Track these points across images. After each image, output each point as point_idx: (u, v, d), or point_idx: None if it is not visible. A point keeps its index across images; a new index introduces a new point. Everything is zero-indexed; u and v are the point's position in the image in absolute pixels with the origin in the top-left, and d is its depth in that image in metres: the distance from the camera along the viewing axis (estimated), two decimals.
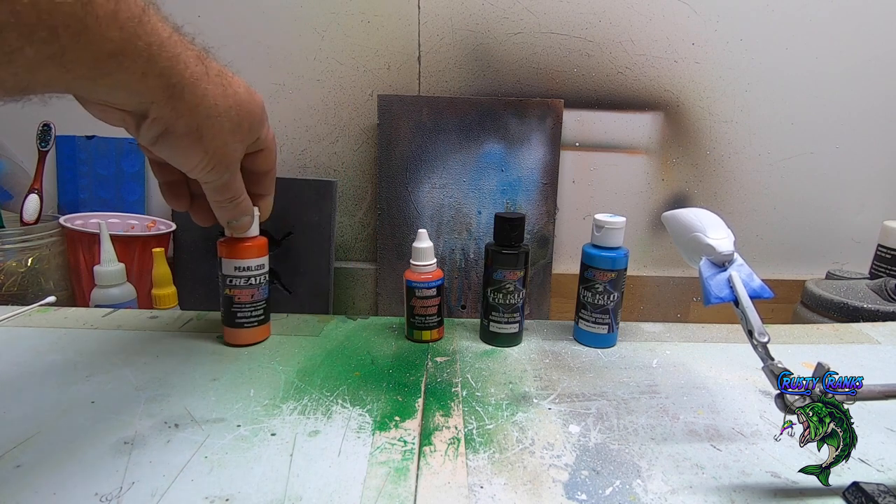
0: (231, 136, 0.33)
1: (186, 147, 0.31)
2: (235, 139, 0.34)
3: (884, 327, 0.56)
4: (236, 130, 0.33)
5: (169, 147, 0.31)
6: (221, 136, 0.32)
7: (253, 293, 0.46)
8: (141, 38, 0.25)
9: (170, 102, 0.29)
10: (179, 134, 0.30)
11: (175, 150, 0.31)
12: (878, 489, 0.29)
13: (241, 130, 0.34)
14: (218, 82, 0.31)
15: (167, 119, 0.29)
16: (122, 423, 0.35)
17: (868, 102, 0.98)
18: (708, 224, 0.38)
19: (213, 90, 0.31)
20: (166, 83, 0.28)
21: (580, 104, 0.97)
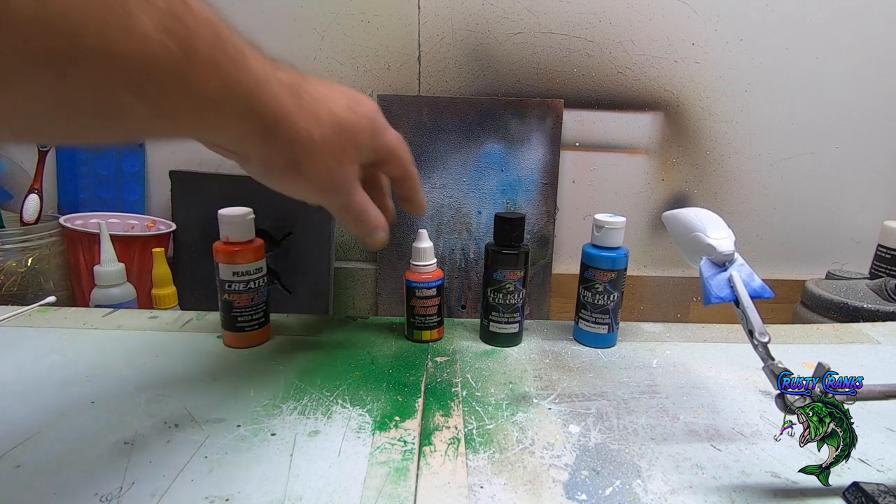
0: (335, 163, 0.33)
1: (290, 180, 0.32)
2: (341, 164, 0.33)
3: (884, 327, 0.56)
4: (341, 154, 0.33)
5: (274, 181, 0.32)
6: (322, 163, 0.32)
7: (252, 297, 0.46)
8: (239, 83, 0.26)
9: (265, 141, 0.29)
10: (280, 170, 0.31)
11: (280, 183, 0.32)
12: (878, 489, 0.29)
13: (346, 153, 0.33)
14: (312, 112, 0.31)
15: (266, 157, 0.30)
16: (122, 423, 0.35)
17: (868, 102, 0.98)
18: (708, 224, 0.38)
19: (307, 123, 0.31)
20: (260, 123, 0.28)
21: (580, 104, 0.97)
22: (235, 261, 0.45)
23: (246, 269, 0.45)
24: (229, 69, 0.25)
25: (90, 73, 0.19)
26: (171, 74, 0.22)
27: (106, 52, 0.19)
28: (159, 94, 0.22)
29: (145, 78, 0.21)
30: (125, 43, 0.19)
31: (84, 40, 0.18)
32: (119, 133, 0.23)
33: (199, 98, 0.24)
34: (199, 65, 0.23)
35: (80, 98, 0.20)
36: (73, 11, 0.18)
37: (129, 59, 0.20)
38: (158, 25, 0.20)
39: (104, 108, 0.21)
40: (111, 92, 0.20)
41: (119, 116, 0.21)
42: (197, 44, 0.22)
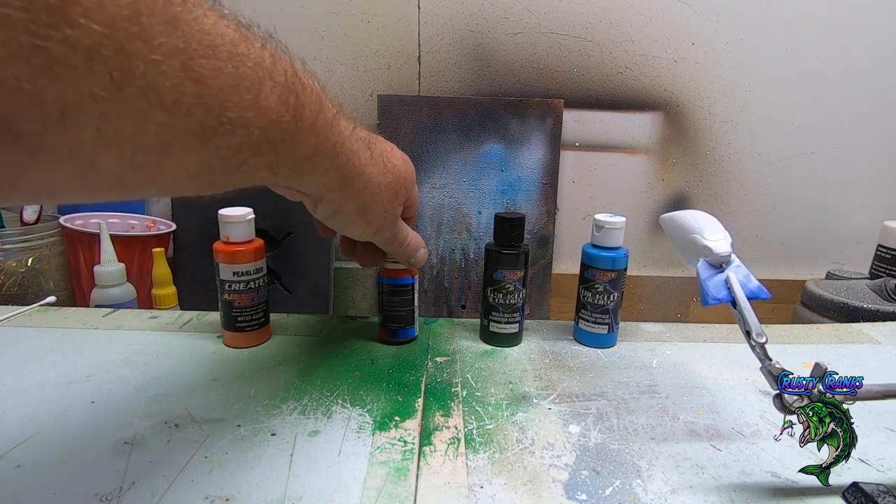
0: (390, 205, 0.38)
1: (354, 222, 0.36)
2: (393, 205, 0.38)
3: (884, 327, 0.56)
4: (394, 199, 0.38)
5: (339, 223, 0.36)
6: (382, 206, 0.37)
7: (253, 297, 0.46)
8: (329, 141, 0.29)
9: (341, 189, 0.33)
10: (348, 212, 0.35)
11: (345, 225, 0.37)
12: (878, 489, 0.29)
13: (397, 197, 0.39)
14: (381, 162, 0.36)
15: (338, 202, 0.34)
16: (122, 423, 0.35)
17: (868, 102, 0.98)
18: (705, 226, 0.38)
19: (376, 173, 0.35)
20: (341, 174, 0.32)
21: (580, 104, 0.97)
22: (235, 261, 0.45)
23: (246, 269, 0.45)
24: (324, 131, 0.28)
25: (227, 138, 0.22)
26: (282, 136, 0.25)
27: (241, 121, 0.22)
28: (271, 153, 0.25)
29: (263, 140, 0.24)
30: (255, 113, 0.23)
31: (227, 113, 0.21)
32: (230, 185, 0.26)
33: (298, 155, 0.27)
34: (304, 128, 0.26)
35: (216, 160, 0.23)
36: (223, 92, 0.21)
37: (256, 125, 0.23)
38: (279, 98, 0.24)
39: (230, 168, 0.24)
40: (237, 153, 0.23)
41: (237, 172, 0.25)
42: (304, 112, 0.26)
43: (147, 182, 0.21)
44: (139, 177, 0.21)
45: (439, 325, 0.54)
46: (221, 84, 0.21)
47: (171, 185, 0.23)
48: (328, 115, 0.29)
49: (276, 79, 0.24)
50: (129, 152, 0.19)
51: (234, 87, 0.21)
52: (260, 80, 0.23)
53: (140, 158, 0.20)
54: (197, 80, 0.20)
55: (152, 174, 0.21)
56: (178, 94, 0.19)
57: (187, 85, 0.19)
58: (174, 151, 0.21)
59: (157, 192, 0.23)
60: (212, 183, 0.24)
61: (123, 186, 0.21)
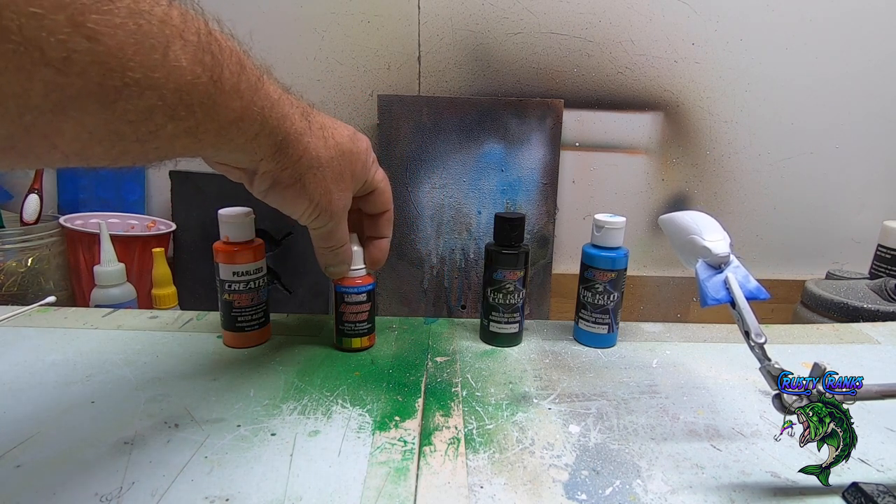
0: (334, 185, 0.36)
1: (292, 197, 0.34)
2: (339, 188, 0.36)
3: (884, 327, 0.56)
4: (339, 179, 0.36)
5: (278, 197, 0.35)
6: (324, 184, 0.35)
7: (253, 297, 0.46)
8: (256, 104, 0.28)
9: (275, 157, 0.32)
10: (285, 185, 0.33)
11: (283, 199, 0.35)
12: (878, 489, 0.29)
13: (343, 179, 0.36)
14: (320, 135, 0.34)
15: (273, 172, 0.33)
16: (122, 423, 0.35)
17: (868, 102, 0.98)
18: (704, 226, 0.38)
19: (314, 143, 0.34)
20: (273, 140, 0.31)
21: (580, 104, 0.97)
22: (235, 261, 0.45)
23: (246, 269, 0.45)
24: (248, 94, 0.27)
25: (134, 100, 0.21)
26: (200, 99, 0.24)
27: (148, 82, 0.21)
28: (189, 117, 0.24)
29: (178, 103, 0.23)
30: (164, 74, 0.22)
31: (130, 74, 0.20)
32: (150, 153, 0.25)
33: (222, 119, 0.26)
34: (224, 90, 0.25)
35: (124, 123, 0.21)
36: (123, 51, 0.20)
37: (167, 86, 0.22)
38: (192, 58, 0.23)
39: (142, 132, 0.23)
40: (149, 116, 0.22)
41: (154, 138, 0.23)
42: (223, 73, 0.25)
43: (46, 145, 0.20)
44: (34, 139, 0.19)
45: (439, 325, 0.54)
46: (121, 42, 0.19)
47: (76, 151, 0.21)
48: (251, 78, 0.27)
49: (188, 38, 0.23)
50: (15, 111, 0.18)
51: (137, 45, 0.20)
52: (167, 38, 0.21)
53: (30, 119, 0.18)
54: (90, 37, 0.18)
55: (50, 137, 0.20)
56: (68, 52, 0.18)
57: (78, 42, 0.18)
58: (72, 113, 0.19)
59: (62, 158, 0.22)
60: (126, 150, 0.23)
61: (16, 148, 0.19)
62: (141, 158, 0.24)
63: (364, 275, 0.46)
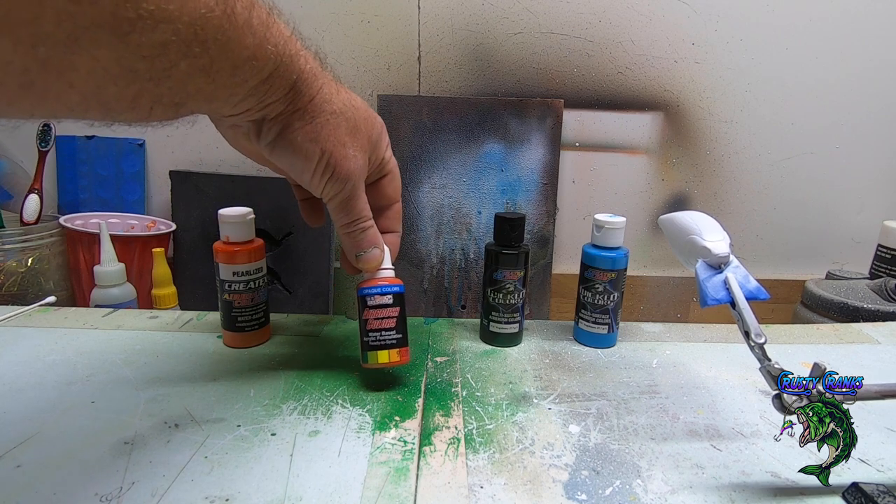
0: (349, 138, 0.33)
1: (304, 145, 0.32)
2: (354, 143, 0.33)
3: (884, 327, 0.56)
4: (354, 133, 0.33)
5: (286, 147, 0.32)
6: (338, 134, 0.32)
7: (253, 297, 0.46)
8: (269, 41, 0.27)
9: (287, 97, 0.30)
10: (296, 129, 0.31)
11: (292, 149, 0.32)
12: (878, 489, 0.29)
13: (359, 135, 0.34)
14: (333, 82, 0.33)
15: (284, 116, 0.31)
16: (122, 423, 0.35)
17: (868, 103, 0.98)
18: (703, 227, 0.38)
19: (328, 86, 0.32)
20: (287, 81, 0.29)
21: (580, 104, 0.97)
22: (235, 261, 0.45)
23: (246, 269, 0.45)
24: (261, 30, 0.26)
25: (148, 34, 0.20)
26: (213, 34, 0.23)
27: (162, 14, 0.20)
28: (203, 53, 0.23)
29: (193, 37, 0.22)
30: (177, 6, 0.21)
31: (143, 4, 0.19)
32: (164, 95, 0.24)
33: (235, 57, 0.25)
34: (237, 25, 0.25)
35: (137, 59, 0.21)
36: None
37: (181, 20, 0.21)
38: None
39: (156, 69, 0.22)
40: (163, 52, 0.21)
41: (167, 77, 0.23)
42: (236, 6, 0.24)
43: (62, 83, 0.20)
44: (50, 75, 0.19)
45: (439, 325, 0.54)
46: None
47: (91, 89, 0.21)
48: (262, 13, 0.27)
49: None
50: (27, 41, 0.17)
51: None
52: None
53: (44, 51, 0.18)
54: None
55: (65, 73, 0.19)
56: None
57: None
58: (84, 45, 0.19)
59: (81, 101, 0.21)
60: (141, 91, 0.22)
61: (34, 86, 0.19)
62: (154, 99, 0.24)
63: (391, 275, 0.40)
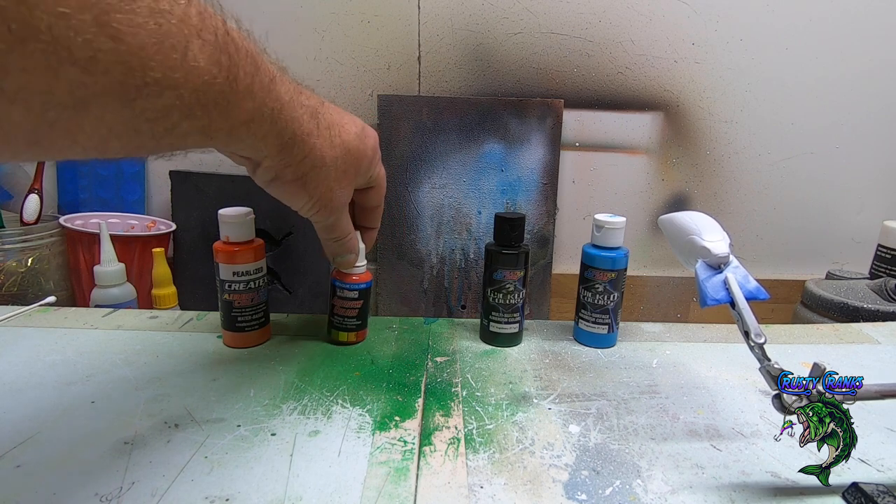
0: (336, 184, 0.36)
1: (293, 192, 0.35)
2: (341, 185, 0.37)
3: (884, 327, 0.56)
4: (342, 178, 0.37)
5: (278, 190, 0.35)
6: (326, 183, 0.36)
7: (253, 297, 0.46)
8: (267, 105, 0.28)
9: (280, 155, 0.32)
10: (287, 181, 0.34)
11: (283, 193, 0.36)
12: (878, 489, 0.29)
13: (347, 177, 0.37)
14: (327, 135, 0.35)
15: (277, 168, 0.33)
16: (122, 423, 0.35)
17: (868, 103, 0.98)
18: (703, 227, 0.39)
19: (320, 144, 0.34)
20: (280, 140, 0.31)
21: (580, 104, 0.97)
22: (235, 261, 0.45)
23: (246, 269, 0.45)
24: (261, 95, 0.28)
25: (153, 99, 0.21)
26: (215, 99, 0.24)
27: (168, 81, 0.21)
28: (204, 116, 0.24)
29: (195, 102, 0.23)
30: (182, 74, 0.22)
31: (151, 73, 0.20)
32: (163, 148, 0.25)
33: (234, 119, 0.27)
34: (238, 91, 0.26)
35: (142, 121, 0.22)
36: (144, 50, 0.20)
37: (185, 86, 0.22)
38: (210, 58, 0.23)
39: (158, 130, 0.23)
40: (166, 115, 0.22)
41: (168, 135, 0.24)
42: (238, 73, 0.25)
43: (67, 140, 0.20)
44: (56, 134, 0.20)
45: (439, 325, 0.54)
46: (142, 42, 0.20)
47: (95, 146, 0.22)
48: (264, 79, 0.28)
49: (206, 38, 0.23)
50: (39, 108, 0.18)
51: (157, 45, 0.20)
52: (186, 38, 0.22)
53: (54, 115, 0.19)
54: (114, 37, 0.19)
55: (72, 132, 0.20)
56: (93, 51, 0.18)
57: (103, 41, 0.18)
58: (93, 110, 0.20)
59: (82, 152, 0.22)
60: (141, 146, 0.24)
61: (40, 143, 0.20)
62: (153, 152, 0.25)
63: (361, 272, 0.47)
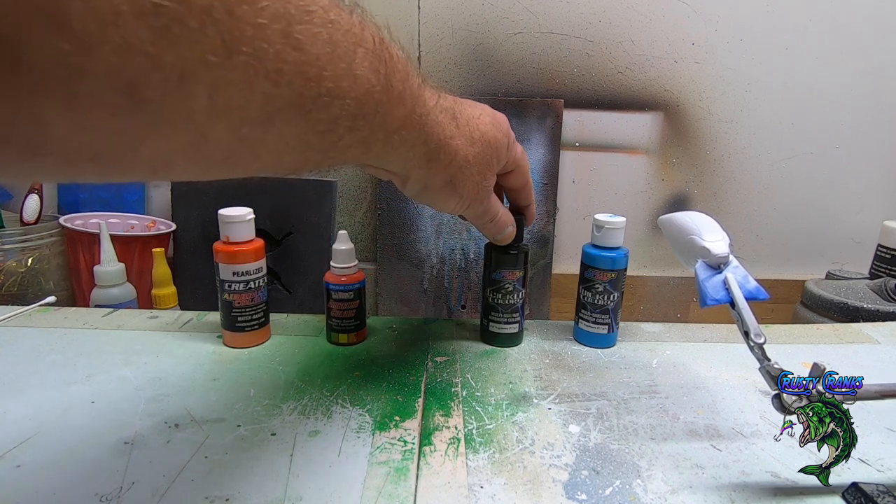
0: (480, 176, 0.36)
1: (444, 198, 0.36)
2: (485, 178, 0.37)
3: (884, 327, 0.56)
4: (485, 170, 0.37)
5: (430, 199, 0.36)
6: (472, 179, 0.36)
7: (253, 297, 0.46)
8: (416, 112, 0.29)
9: (428, 165, 0.32)
10: (436, 188, 0.35)
11: (435, 201, 0.36)
12: (878, 489, 0.29)
13: (489, 168, 0.37)
14: (466, 133, 0.34)
15: (426, 178, 0.34)
16: (122, 423, 0.35)
17: (868, 103, 0.98)
18: (703, 227, 0.38)
19: (462, 144, 0.34)
20: (427, 148, 0.31)
21: (580, 104, 0.97)
22: (235, 261, 0.45)
23: (246, 269, 0.45)
24: (411, 102, 0.28)
25: (325, 110, 0.22)
26: (374, 108, 0.25)
27: (338, 91, 0.22)
28: (364, 126, 0.25)
29: (357, 112, 0.24)
30: (349, 83, 0.22)
31: (325, 83, 0.21)
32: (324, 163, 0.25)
33: (388, 128, 0.27)
34: (393, 99, 0.26)
35: (314, 134, 0.23)
36: (320, 60, 0.21)
37: (350, 95, 0.23)
38: (370, 67, 0.24)
39: (325, 143, 0.24)
40: (334, 126, 0.23)
41: (333, 148, 0.24)
42: (393, 80, 0.26)
43: (251, 157, 0.21)
44: (245, 150, 0.21)
45: (439, 325, 0.54)
46: (318, 52, 0.20)
47: (272, 161, 0.23)
48: (413, 85, 0.28)
49: (367, 46, 0.23)
50: (237, 124, 0.19)
51: (330, 54, 0.21)
52: (353, 47, 0.22)
53: (246, 131, 0.20)
54: (296, 48, 0.19)
55: (256, 148, 0.21)
56: (281, 63, 0.19)
57: (288, 52, 0.19)
58: (276, 124, 0.20)
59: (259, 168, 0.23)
60: (308, 160, 0.24)
61: (230, 160, 0.21)
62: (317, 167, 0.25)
63: (352, 273, 0.47)
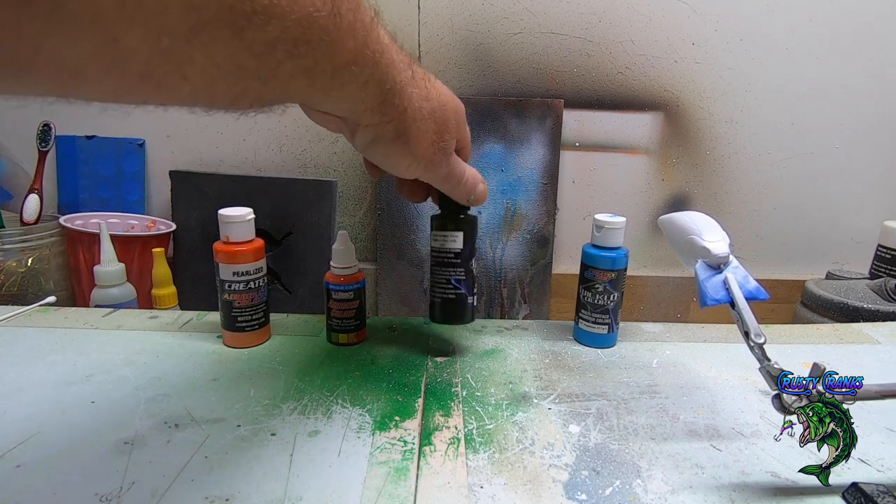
0: (437, 136, 0.34)
1: (396, 152, 0.33)
2: (444, 136, 0.35)
3: (884, 327, 0.56)
4: (444, 128, 0.35)
5: (380, 152, 0.33)
6: (427, 137, 0.34)
7: (252, 297, 0.46)
8: (369, 47, 0.27)
9: (380, 108, 0.30)
10: (388, 140, 0.32)
11: (386, 156, 0.34)
12: (878, 489, 0.29)
13: (448, 126, 0.35)
14: (423, 86, 0.33)
15: (377, 127, 0.31)
16: (122, 423, 0.35)
17: (868, 103, 0.98)
18: (703, 227, 0.38)
19: (417, 94, 0.32)
20: (381, 89, 0.29)
21: (580, 104, 0.97)
22: (235, 261, 0.45)
23: (246, 269, 0.45)
24: (362, 35, 0.26)
25: (260, 30, 0.21)
26: (319, 34, 0.23)
27: (274, 10, 0.20)
28: (308, 54, 0.23)
29: (300, 36, 0.22)
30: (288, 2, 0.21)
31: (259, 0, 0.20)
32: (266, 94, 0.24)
33: (337, 60, 0.25)
34: (342, 27, 0.24)
35: (249, 57, 0.21)
36: None
37: (290, 17, 0.21)
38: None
39: (263, 69, 0.22)
40: (272, 50, 0.22)
41: (273, 77, 0.23)
42: (342, 7, 0.24)
43: (178, 77, 0.20)
44: (168, 66, 0.19)
45: (439, 325, 0.54)
46: None
47: (204, 86, 0.21)
48: (365, 18, 0.26)
49: None
50: (154, 32, 0.18)
51: None
52: None
53: (167, 42, 0.18)
54: None
55: (182, 66, 0.20)
56: None
57: None
58: (203, 39, 0.19)
59: (190, 93, 0.22)
60: (247, 89, 0.23)
61: (152, 78, 0.19)
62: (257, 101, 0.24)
63: (353, 272, 0.47)
